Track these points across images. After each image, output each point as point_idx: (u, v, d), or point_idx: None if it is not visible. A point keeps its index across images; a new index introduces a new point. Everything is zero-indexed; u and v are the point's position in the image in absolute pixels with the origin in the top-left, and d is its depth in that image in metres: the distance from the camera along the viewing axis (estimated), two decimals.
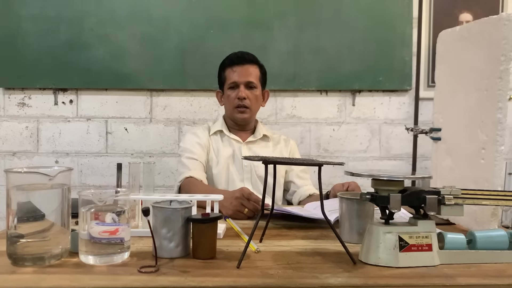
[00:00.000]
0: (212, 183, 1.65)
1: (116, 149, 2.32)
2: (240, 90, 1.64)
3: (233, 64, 1.67)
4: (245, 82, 1.65)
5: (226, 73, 1.69)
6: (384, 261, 0.79)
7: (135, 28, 2.24)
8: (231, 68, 1.67)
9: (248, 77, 1.65)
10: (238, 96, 1.64)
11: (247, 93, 1.65)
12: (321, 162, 0.86)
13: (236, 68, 1.66)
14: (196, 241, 0.83)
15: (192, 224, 0.84)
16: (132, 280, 0.71)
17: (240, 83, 1.64)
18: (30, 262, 0.77)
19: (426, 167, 2.33)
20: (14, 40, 2.23)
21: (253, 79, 1.66)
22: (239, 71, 1.65)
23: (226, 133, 1.71)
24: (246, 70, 1.66)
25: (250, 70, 1.67)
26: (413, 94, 2.33)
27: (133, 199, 0.99)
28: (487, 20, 1.02)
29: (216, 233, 0.85)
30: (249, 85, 1.65)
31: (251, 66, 1.68)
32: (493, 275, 0.76)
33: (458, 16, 2.30)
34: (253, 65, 1.69)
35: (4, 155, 2.31)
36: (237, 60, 1.67)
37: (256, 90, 1.67)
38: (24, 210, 0.77)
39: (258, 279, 0.72)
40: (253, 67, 1.68)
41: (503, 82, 0.98)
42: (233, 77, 1.65)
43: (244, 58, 1.67)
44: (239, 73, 1.65)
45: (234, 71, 1.66)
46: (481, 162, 1.03)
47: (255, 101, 1.68)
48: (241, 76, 1.65)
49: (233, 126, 1.74)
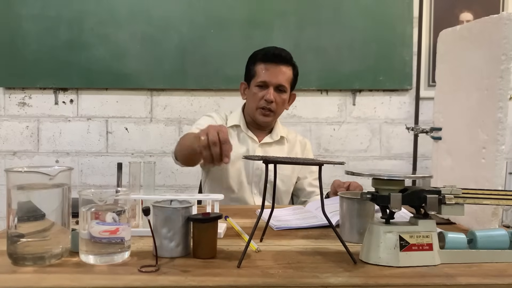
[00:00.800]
0: (219, 179, 1.58)
1: (117, 148, 2.32)
2: (269, 92, 1.52)
3: (267, 61, 1.53)
4: (276, 84, 1.53)
5: (257, 68, 1.55)
6: (384, 260, 0.79)
7: (135, 27, 2.24)
8: (264, 64, 1.53)
9: (280, 79, 1.53)
10: (265, 98, 1.52)
11: (275, 96, 1.53)
12: (322, 162, 0.86)
13: (269, 67, 1.53)
14: (196, 241, 0.83)
15: (193, 223, 0.84)
16: (132, 279, 0.71)
17: (270, 85, 1.52)
18: (30, 262, 0.77)
19: (426, 167, 2.33)
20: (15, 39, 2.23)
21: (285, 82, 1.54)
22: (271, 71, 1.52)
23: (244, 130, 1.62)
24: (279, 71, 1.53)
25: (284, 71, 1.54)
26: (414, 93, 2.33)
27: (134, 199, 0.99)
28: (488, 20, 1.02)
29: (217, 233, 0.85)
30: (279, 88, 1.54)
31: (285, 67, 1.55)
32: (493, 274, 0.76)
33: (459, 16, 2.30)
34: (288, 66, 1.56)
35: (4, 155, 2.31)
36: (273, 58, 1.53)
37: (285, 94, 1.56)
38: (25, 209, 0.77)
39: (258, 278, 0.72)
40: (287, 68, 1.55)
41: (504, 81, 0.97)
42: (264, 75, 1.53)
43: (280, 57, 1.54)
44: (272, 73, 1.52)
45: (267, 69, 1.53)
46: (482, 161, 1.02)
47: (281, 105, 1.58)
48: (272, 76, 1.52)
49: (251, 123, 1.63)
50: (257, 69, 1.55)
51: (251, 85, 1.58)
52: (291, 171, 1.66)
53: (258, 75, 1.54)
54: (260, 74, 1.54)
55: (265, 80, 1.53)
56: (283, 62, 1.54)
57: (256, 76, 1.55)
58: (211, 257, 0.83)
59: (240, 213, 1.24)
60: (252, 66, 1.57)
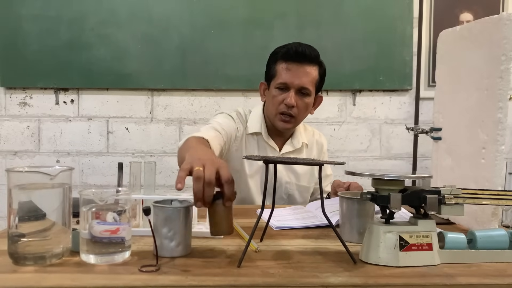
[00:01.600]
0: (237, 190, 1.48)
1: (117, 148, 2.32)
2: (289, 96, 1.37)
3: (289, 60, 1.37)
4: (298, 87, 1.38)
5: (278, 68, 1.40)
6: (384, 260, 0.79)
7: (136, 28, 2.24)
8: (285, 63, 1.37)
9: (303, 81, 1.37)
10: (285, 102, 1.38)
11: (297, 100, 1.38)
12: (322, 162, 0.86)
13: (291, 66, 1.36)
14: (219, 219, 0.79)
15: (216, 202, 0.78)
16: (133, 279, 0.71)
17: (291, 87, 1.37)
18: (31, 261, 0.77)
19: (426, 167, 2.34)
20: (15, 40, 2.23)
21: (308, 84, 1.38)
22: (294, 71, 1.36)
23: (265, 138, 1.48)
24: (302, 71, 1.37)
25: (308, 72, 1.37)
26: (414, 93, 2.33)
27: (134, 199, 1.00)
28: (488, 20, 1.02)
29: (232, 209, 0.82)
30: (301, 91, 1.39)
31: (309, 67, 1.38)
32: (493, 274, 0.76)
33: (459, 16, 2.30)
34: (313, 65, 1.39)
35: (5, 155, 2.31)
36: (295, 56, 1.36)
37: (308, 98, 1.41)
38: (25, 209, 0.77)
39: (258, 278, 0.72)
40: (312, 68, 1.38)
41: (504, 81, 0.98)
42: (285, 76, 1.37)
43: (304, 56, 1.36)
44: (294, 74, 1.36)
45: (288, 69, 1.37)
46: (482, 161, 1.03)
47: (304, 110, 1.42)
48: (294, 77, 1.36)
49: (271, 128, 1.49)
50: (278, 69, 1.40)
51: (271, 86, 1.44)
52: (308, 181, 1.57)
53: (279, 76, 1.39)
54: (280, 74, 1.38)
55: (286, 82, 1.38)
56: (307, 61, 1.37)
57: (277, 77, 1.40)
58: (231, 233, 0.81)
59: (240, 213, 1.24)
60: (273, 65, 1.42)
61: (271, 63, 1.44)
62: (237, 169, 1.46)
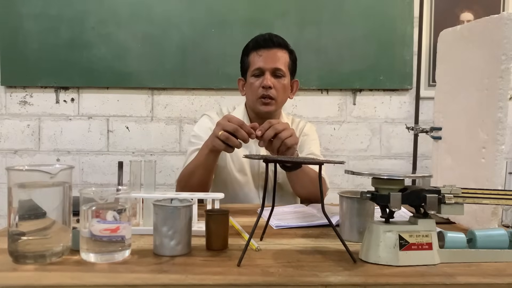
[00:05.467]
0: (223, 184, 1.50)
1: (117, 147, 2.32)
2: (265, 78, 1.43)
3: (259, 48, 1.45)
4: (272, 68, 1.44)
5: (250, 58, 1.48)
6: (384, 259, 0.79)
7: (136, 27, 2.24)
8: (256, 52, 1.46)
9: (275, 63, 1.44)
10: (262, 85, 1.43)
11: (274, 82, 1.44)
12: (322, 161, 0.86)
13: (262, 52, 1.44)
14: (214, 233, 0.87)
15: (209, 216, 0.87)
16: (133, 278, 0.71)
17: (265, 70, 1.44)
18: (31, 260, 0.77)
19: (426, 166, 2.34)
20: (16, 38, 2.23)
21: (281, 65, 1.45)
22: (265, 56, 1.44)
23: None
24: (273, 55, 1.44)
25: (278, 55, 1.45)
26: (414, 93, 2.33)
27: (134, 197, 1.00)
28: (488, 20, 1.02)
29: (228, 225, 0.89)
30: (276, 73, 1.44)
31: (279, 51, 1.46)
32: (493, 274, 0.76)
33: (459, 16, 2.30)
34: (282, 49, 1.47)
35: (5, 153, 2.31)
36: (264, 43, 1.45)
37: (284, 79, 1.46)
38: (26, 208, 0.77)
39: (258, 277, 0.72)
40: (281, 52, 1.46)
41: (504, 81, 0.98)
42: (257, 62, 1.44)
43: (272, 41, 1.45)
44: (265, 58, 1.44)
45: (260, 55, 1.44)
46: (482, 161, 1.03)
47: (282, 91, 1.47)
48: (267, 61, 1.44)
49: (255, 119, 1.51)
50: (251, 59, 1.48)
51: (247, 77, 1.50)
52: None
53: (253, 64, 1.47)
54: (254, 62, 1.46)
55: (260, 67, 1.45)
56: (276, 46, 1.46)
57: (251, 66, 1.48)
58: (224, 248, 0.87)
59: (240, 212, 1.24)
60: (246, 58, 1.51)
61: (244, 56, 1.53)
62: (223, 165, 1.51)
